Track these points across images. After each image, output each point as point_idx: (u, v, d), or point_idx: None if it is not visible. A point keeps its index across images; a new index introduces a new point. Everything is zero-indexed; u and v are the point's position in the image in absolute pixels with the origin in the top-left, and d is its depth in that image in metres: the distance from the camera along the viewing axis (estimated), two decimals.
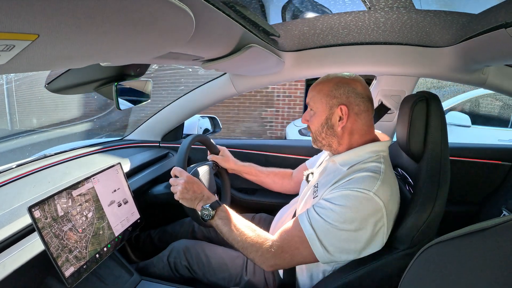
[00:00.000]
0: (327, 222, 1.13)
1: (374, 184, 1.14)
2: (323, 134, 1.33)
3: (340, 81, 1.29)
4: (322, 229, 1.13)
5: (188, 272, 1.56)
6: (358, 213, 1.11)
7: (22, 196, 1.32)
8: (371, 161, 1.25)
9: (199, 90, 2.20)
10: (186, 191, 1.40)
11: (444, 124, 1.29)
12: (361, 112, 1.28)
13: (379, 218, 1.13)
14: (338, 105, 1.27)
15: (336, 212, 1.12)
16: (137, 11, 0.50)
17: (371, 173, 1.18)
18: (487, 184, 2.12)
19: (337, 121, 1.28)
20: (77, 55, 0.63)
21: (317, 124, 1.33)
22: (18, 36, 0.42)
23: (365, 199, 1.12)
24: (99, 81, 1.42)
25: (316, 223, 1.15)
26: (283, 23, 1.24)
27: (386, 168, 1.22)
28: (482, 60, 1.45)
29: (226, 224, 1.30)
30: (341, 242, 1.13)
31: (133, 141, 2.34)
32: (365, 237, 1.13)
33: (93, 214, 1.28)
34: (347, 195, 1.14)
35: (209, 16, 0.82)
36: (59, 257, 1.09)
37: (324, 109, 1.30)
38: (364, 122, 1.30)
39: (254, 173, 1.92)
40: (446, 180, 1.23)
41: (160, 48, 0.84)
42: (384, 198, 1.13)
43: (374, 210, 1.12)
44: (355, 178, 1.18)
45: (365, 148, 1.29)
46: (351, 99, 1.27)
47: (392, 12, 1.06)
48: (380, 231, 1.15)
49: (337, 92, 1.27)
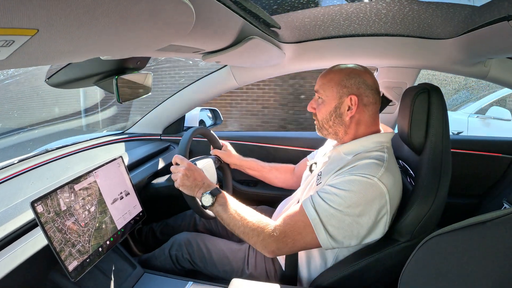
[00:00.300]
0: (332, 206, 1.14)
1: (378, 170, 1.15)
2: (330, 122, 1.34)
3: (352, 71, 1.30)
4: (326, 213, 1.14)
5: (190, 264, 1.57)
6: (363, 198, 1.12)
7: (24, 191, 1.32)
8: (375, 150, 1.26)
9: (200, 83, 2.20)
10: (186, 178, 1.40)
11: (446, 116, 1.29)
12: (369, 104, 1.30)
13: (382, 204, 1.14)
14: (348, 94, 1.28)
15: (341, 196, 1.13)
16: (137, 3, 0.50)
17: (375, 160, 1.19)
18: (488, 177, 2.12)
19: (345, 111, 1.29)
20: (77, 49, 0.62)
21: (325, 112, 1.34)
22: (18, 31, 0.42)
23: (369, 184, 1.13)
24: (100, 75, 1.42)
25: (320, 208, 1.16)
26: (284, 15, 1.23)
27: (389, 158, 1.23)
28: (484, 53, 1.44)
29: (226, 210, 1.30)
30: (344, 227, 1.14)
31: (135, 134, 2.34)
32: (368, 223, 1.14)
33: (96, 208, 1.28)
34: (351, 180, 1.15)
35: (209, 8, 0.82)
36: (62, 251, 1.09)
37: (334, 98, 1.31)
38: (371, 113, 1.32)
39: (257, 169, 1.93)
40: (448, 172, 1.23)
41: (161, 41, 0.84)
42: (388, 184, 1.14)
43: (378, 195, 1.13)
44: (359, 164, 1.20)
45: (370, 139, 1.30)
46: (361, 90, 1.28)
47: (393, 4, 1.05)
48: (382, 219, 1.16)
49: (348, 82, 1.28)
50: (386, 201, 1.14)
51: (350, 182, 1.15)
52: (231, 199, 1.35)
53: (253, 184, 2.32)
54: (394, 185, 1.18)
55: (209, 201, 1.32)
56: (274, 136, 2.30)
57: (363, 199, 1.12)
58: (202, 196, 1.34)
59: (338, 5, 1.11)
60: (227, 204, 1.32)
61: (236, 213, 1.29)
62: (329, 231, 1.14)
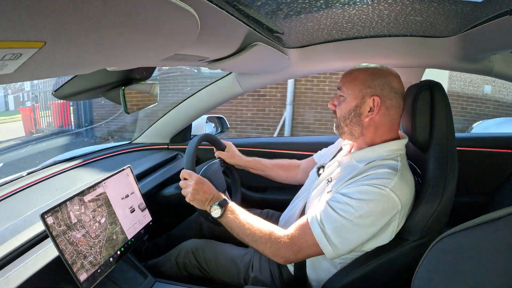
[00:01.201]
0: (343, 217, 1.13)
1: (391, 180, 1.14)
2: (347, 121, 1.31)
3: (378, 72, 1.28)
4: (335, 224, 1.14)
5: (199, 271, 1.57)
6: (374, 208, 1.12)
7: (34, 203, 1.33)
8: (389, 158, 1.24)
9: (205, 91, 2.21)
10: (196, 192, 1.40)
11: (449, 112, 1.29)
12: (391, 107, 1.27)
13: (393, 214, 1.14)
14: (371, 95, 1.26)
15: (352, 206, 1.13)
16: (142, 14, 0.50)
17: (388, 170, 1.18)
18: (498, 173, 2.10)
19: (366, 111, 1.27)
20: (84, 61, 0.63)
21: (345, 110, 1.31)
22: (25, 44, 0.42)
23: (381, 195, 1.12)
24: (106, 86, 1.43)
25: (327, 220, 1.15)
26: (287, 20, 1.24)
27: (402, 166, 1.22)
28: (488, 49, 1.43)
29: (235, 220, 1.31)
30: (353, 237, 1.14)
31: (142, 144, 2.35)
32: (375, 232, 1.14)
33: (106, 220, 1.28)
34: (364, 190, 1.14)
35: (213, 16, 0.82)
36: (74, 264, 1.10)
37: (356, 96, 1.28)
38: (392, 118, 1.29)
39: (260, 167, 1.93)
40: (454, 169, 1.23)
41: (167, 50, 0.84)
42: (400, 195, 1.13)
43: (391, 207, 1.13)
44: (372, 174, 1.19)
45: (384, 146, 1.28)
46: (385, 92, 1.26)
47: (395, 4, 1.06)
48: (390, 226, 1.16)
49: (373, 83, 1.26)
50: (398, 211, 1.14)
51: (362, 192, 1.14)
52: (239, 208, 1.36)
53: (262, 190, 2.32)
54: (407, 194, 1.17)
55: (218, 212, 1.33)
56: (279, 142, 2.30)
57: (375, 209, 1.12)
58: (210, 208, 1.35)
59: (340, 8, 1.11)
60: (235, 214, 1.33)
61: (244, 221, 1.30)
62: (335, 244, 1.14)
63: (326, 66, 1.89)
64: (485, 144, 2.08)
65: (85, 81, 1.33)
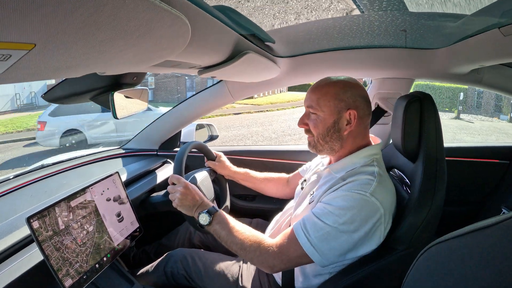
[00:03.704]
0: (327, 224, 1.13)
1: (370, 185, 1.15)
2: (327, 138, 1.30)
3: (346, 84, 1.28)
4: (321, 233, 1.14)
5: (186, 280, 1.56)
6: (357, 214, 1.12)
7: (19, 207, 1.31)
8: (366, 165, 1.25)
9: (195, 98, 2.21)
10: (184, 197, 1.39)
11: (438, 123, 1.30)
12: (364, 116, 1.29)
13: (377, 218, 1.14)
14: (346, 109, 1.26)
15: (335, 213, 1.13)
16: (133, 19, 0.50)
17: (366, 176, 1.19)
18: (486, 183, 2.13)
19: (344, 125, 1.27)
20: (74, 64, 0.63)
21: (323, 128, 1.29)
22: (15, 45, 0.42)
23: (363, 200, 1.13)
24: (96, 90, 1.42)
25: (313, 229, 1.15)
26: (278, 29, 1.25)
27: (380, 171, 1.23)
28: (477, 60, 1.46)
29: (224, 228, 1.30)
30: (340, 244, 1.13)
31: (131, 150, 2.34)
32: (362, 237, 1.14)
33: (94, 228, 1.27)
34: (345, 196, 1.15)
35: (204, 23, 0.82)
36: (59, 270, 1.08)
37: (332, 112, 1.27)
38: (365, 125, 1.31)
39: (249, 180, 1.92)
40: (443, 179, 1.24)
41: (157, 57, 0.84)
42: (381, 199, 1.14)
43: (373, 211, 1.13)
44: (351, 182, 1.19)
45: (360, 154, 1.29)
46: (358, 103, 1.26)
47: (386, 15, 1.07)
48: (377, 231, 1.16)
49: (345, 96, 1.26)
50: (381, 215, 1.14)
51: (344, 199, 1.14)
52: (228, 217, 1.35)
53: (250, 198, 2.32)
54: (387, 197, 1.18)
55: (206, 220, 1.32)
56: (270, 150, 2.31)
57: (358, 215, 1.12)
58: (199, 215, 1.33)
59: (331, 19, 1.12)
60: (224, 222, 1.32)
61: (233, 230, 1.29)
62: (322, 251, 1.14)
63: (316, 75, 1.90)
64: (473, 154, 2.11)
65: (75, 84, 1.32)
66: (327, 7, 1.02)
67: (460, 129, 14.78)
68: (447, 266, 0.62)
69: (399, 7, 0.99)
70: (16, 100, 23.84)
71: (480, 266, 0.55)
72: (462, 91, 20.57)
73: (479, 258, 0.56)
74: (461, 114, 19.33)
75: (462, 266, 0.59)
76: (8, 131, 14.71)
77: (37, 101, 24.23)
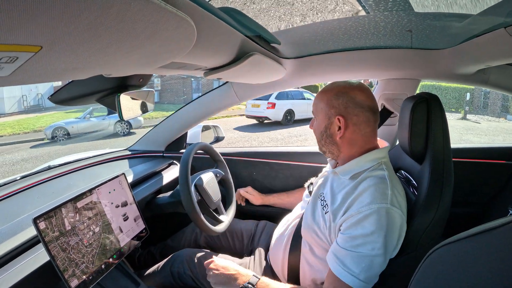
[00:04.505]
0: (366, 254, 1.11)
1: (387, 194, 1.13)
2: (322, 141, 1.33)
3: (341, 90, 1.27)
4: (363, 265, 1.11)
5: (192, 281, 1.56)
6: (390, 231, 1.11)
7: (26, 208, 1.32)
8: (374, 169, 1.24)
9: (201, 100, 2.21)
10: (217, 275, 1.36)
11: (445, 124, 1.29)
12: (360, 123, 1.26)
13: (401, 225, 1.14)
14: (336, 115, 1.26)
15: (369, 241, 1.10)
16: (139, 21, 0.50)
17: (379, 183, 1.17)
18: (493, 184, 2.11)
19: (335, 131, 1.27)
20: (80, 66, 0.63)
21: (318, 132, 1.34)
22: (22, 48, 0.42)
23: (387, 213, 1.11)
24: (102, 92, 1.43)
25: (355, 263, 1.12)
26: (284, 30, 1.25)
27: (390, 174, 1.21)
28: (483, 60, 1.45)
29: None
30: (380, 266, 1.12)
31: (137, 151, 2.35)
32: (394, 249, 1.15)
33: (100, 229, 1.28)
34: (371, 218, 1.11)
35: (210, 25, 0.83)
36: (65, 271, 1.09)
37: (324, 118, 1.30)
38: (364, 132, 1.27)
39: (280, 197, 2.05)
40: (450, 181, 1.23)
41: (163, 58, 0.84)
42: (399, 205, 1.13)
43: (398, 220, 1.12)
44: (364, 193, 1.16)
45: (365, 157, 1.27)
46: (349, 110, 1.25)
47: (391, 16, 1.07)
48: (402, 235, 1.16)
49: (336, 102, 1.26)
50: (403, 221, 1.14)
51: (371, 222, 1.11)
52: (272, 281, 1.31)
53: None
54: (402, 200, 1.18)
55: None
56: (276, 152, 2.30)
57: (390, 232, 1.11)
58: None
59: (336, 20, 1.12)
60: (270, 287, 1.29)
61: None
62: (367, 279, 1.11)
63: (321, 76, 1.90)
64: (480, 155, 2.09)
65: (81, 86, 1.33)
66: (333, 9, 1.02)
67: (466, 129, 14.71)
68: (454, 268, 0.61)
69: (405, 8, 0.99)
70: (23, 101, 24.07)
71: (488, 268, 0.55)
72: (468, 92, 20.52)
73: (487, 260, 0.56)
74: (467, 114, 19.26)
75: (470, 268, 0.58)
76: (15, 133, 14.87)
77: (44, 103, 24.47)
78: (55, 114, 21.32)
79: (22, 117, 20.14)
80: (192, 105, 2.23)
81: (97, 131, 14.76)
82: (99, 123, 14.98)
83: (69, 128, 14.11)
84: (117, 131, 14.87)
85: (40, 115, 20.64)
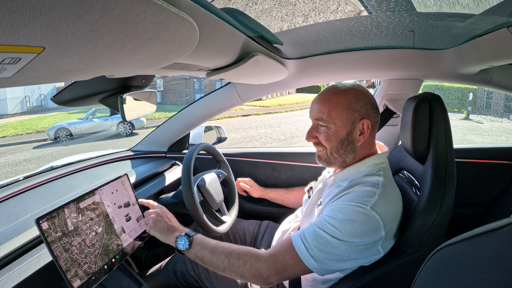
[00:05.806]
0: (326, 233, 1.10)
1: (372, 198, 1.12)
2: (341, 151, 1.26)
3: (357, 92, 1.23)
4: (319, 241, 1.11)
5: (195, 280, 1.56)
6: (358, 228, 1.09)
7: (29, 208, 1.32)
8: (371, 174, 1.23)
9: (203, 100, 2.22)
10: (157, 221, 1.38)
11: (448, 124, 1.29)
12: (375, 124, 1.26)
13: (377, 234, 1.11)
14: (360, 119, 1.22)
15: (336, 226, 1.10)
16: (141, 22, 0.50)
17: (369, 187, 1.16)
18: (495, 185, 2.10)
19: (357, 136, 1.24)
20: (83, 67, 0.63)
21: (336, 141, 1.25)
22: (24, 49, 0.43)
23: (362, 214, 1.10)
24: (105, 93, 1.43)
25: (311, 237, 1.12)
26: (286, 31, 1.24)
27: (385, 181, 1.20)
28: (485, 60, 1.44)
29: (206, 247, 1.25)
30: (337, 253, 1.10)
31: (140, 152, 2.35)
32: (361, 249, 1.12)
33: (103, 229, 1.28)
34: (345, 209, 1.12)
35: (212, 26, 0.83)
36: (68, 271, 1.09)
37: (345, 124, 1.23)
38: (374, 134, 1.28)
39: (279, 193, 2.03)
40: (453, 181, 1.23)
41: (165, 59, 0.84)
42: (381, 213, 1.11)
43: (373, 227, 1.10)
44: (352, 191, 1.17)
45: (365, 163, 1.26)
46: (369, 112, 1.23)
47: (394, 16, 1.07)
48: (377, 245, 1.13)
49: (357, 105, 1.22)
50: (381, 228, 1.11)
51: (344, 212, 1.11)
52: (207, 238, 1.30)
53: (259, 200, 2.32)
54: (390, 209, 1.15)
55: (185, 243, 1.27)
56: (278, 152, 2.30)
57: (358, 229, 1.09)
58: (176, 240, 1.29)
59: (339, 20, 1.12)
60: (205, 242, 1.27)
61: (217, 247, 1.24)
62: (320, 259, 1.10)
63: (324, 77, 1.90)
64: (483, 155, 2.09)
65: (84, 87, 1.33)
66: (335, 9, 1.02)
67: (469, 129, 14.69)
68: (457, 269, 0.61)
69: (407, 8, 0.99)
70: (26, 102, 24.18)
71: (491, 268, 0.55)
72: (471, 92, 20.47)
73: (490, 260, 0.56)
74: (470, 114, 19.22)
75: (472, 269, 0.58)
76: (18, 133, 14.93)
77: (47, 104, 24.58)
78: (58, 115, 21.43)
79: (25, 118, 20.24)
80: (194, 105, 2.23)
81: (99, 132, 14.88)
82: (102, 124, 15.10)
83: (71, 129, 14.27)
84: (119, 132, 15.00)
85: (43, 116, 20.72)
